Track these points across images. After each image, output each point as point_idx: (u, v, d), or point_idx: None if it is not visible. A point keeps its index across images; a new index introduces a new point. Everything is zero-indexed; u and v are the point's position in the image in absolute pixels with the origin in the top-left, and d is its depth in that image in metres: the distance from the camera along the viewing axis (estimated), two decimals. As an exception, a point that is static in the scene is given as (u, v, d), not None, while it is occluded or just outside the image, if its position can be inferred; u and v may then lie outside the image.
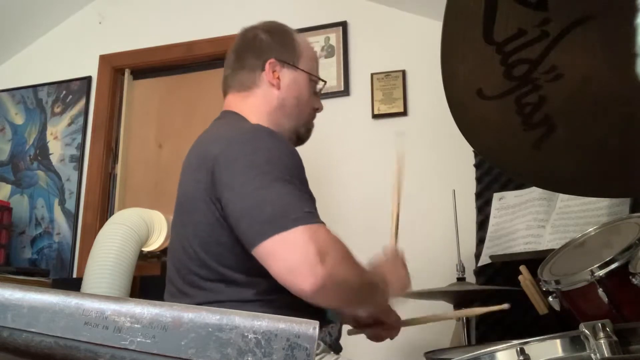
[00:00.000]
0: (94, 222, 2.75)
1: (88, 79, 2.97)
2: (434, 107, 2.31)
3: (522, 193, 1.89)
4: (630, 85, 1.23)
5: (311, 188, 1.12)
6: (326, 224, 1.02)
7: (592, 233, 1.32)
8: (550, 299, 1.24)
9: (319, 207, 1.08)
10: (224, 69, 1.32)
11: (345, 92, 2.54)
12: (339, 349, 1.22)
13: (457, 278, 1.76)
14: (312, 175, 1.20)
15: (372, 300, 1.16)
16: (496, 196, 1.96)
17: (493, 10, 1.14)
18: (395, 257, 1.24)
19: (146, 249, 2.45)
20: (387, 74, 2.49)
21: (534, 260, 1.39)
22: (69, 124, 2.95)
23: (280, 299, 1.03)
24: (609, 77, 1.24)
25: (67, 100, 2.99)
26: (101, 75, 2.96)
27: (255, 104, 1.25)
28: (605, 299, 1.09)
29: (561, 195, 1.76)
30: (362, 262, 1.08)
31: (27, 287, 0.45)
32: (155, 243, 2.44)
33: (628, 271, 1.05)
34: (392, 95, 2.47)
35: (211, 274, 1.08)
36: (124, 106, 2.94)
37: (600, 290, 1.09)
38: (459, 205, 1.85)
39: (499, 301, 1.85)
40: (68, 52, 3.05)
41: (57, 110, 3.00)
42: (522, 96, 1.27)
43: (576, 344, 0.81)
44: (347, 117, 2.50)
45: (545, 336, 0.84)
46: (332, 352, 1.17)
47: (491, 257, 1.79)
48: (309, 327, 0.43)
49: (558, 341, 0.83)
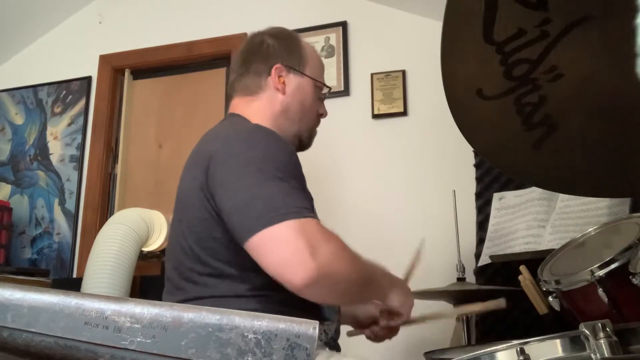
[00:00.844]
0: (94, 222, 2.75)
1: (88, 79, 2.97)
2: (434, 107, 2.31)
3: (522, 193, 1.89)
4: (630, 85, 1.23)
5: (311, 188, 1.12)
6: (326, 223, 1.02)
7: (592, 233, 1.32)
8: (550, 299, 1.24)
9: (319, 207, 1.08)
10: (230, 73, 1.32)
11: (345, 92, 2.53)
12: (337, 349, 1.22)
13: (457, 278, 1.76)
14: (312, 175, 1.20)
15: (369, 293, 1.15)
16: (496, 196, 1.96)
17: (493, 10, 1.14)
18: (403, 283, 1.26)
19: (146, 249, 2.45)
20: (387, 74, 2.49)
21: (534, 260, 1.39)
22: (69, 124, 2.95)
23: (275, 294, 1.03)
24: (609, 77, 1.24)
25: (67, 100, 2.99)
26: (101, 75, 2.96)
27: (260, 108, 1.25)
28: (605, 299, 1.08)
29: (561, 195, 1.76)
30: (360, 255, 1.06)
31: (27, 287, 0.45)
32: (155, 243, 2.44)
33: (628, 271, 1.05)
34: (392, 95, 2.46)
35: (206, 269, 1.09)
36: (124, 106, 2.93)
37: (600, 290, 1.09)
38: (459, 205, 1.84)
39: (498, 301, 1.87)
40: (68, 52, 3.05)
41: (57, 110, 3.00)
42: (522, 96, 1.27)
43: (576, 344, 0.81)
44: (347, 117, 2.49)
45: (545, 336, 0.84)
46: (327, 349, 1.17)
47: (491, 257, 1.79)
48: (309, 327, 0.43)
49: (558, 341, 0.83)
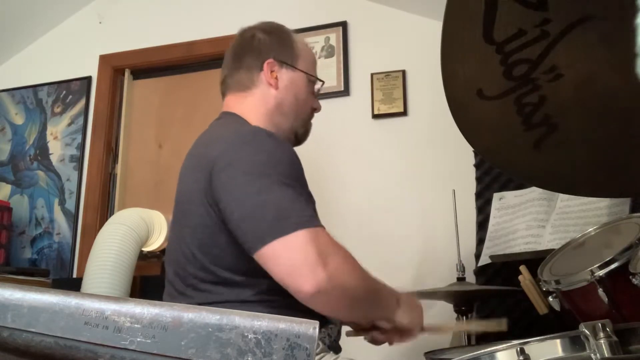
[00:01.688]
0: (94, 222, 2.75)
1: (88, 79, 2.97)
2: (434, 107, 2.31)
3: (522, 193, 1.89)
4: (630, 85, 1.23)
5: (311, 188, 1.11)
6: (326, 223, 1.02)
7: (592, 233, 1.32)
8: (550, 299, 1.24)
9: (318, 207, 1.08)
10: (222, 70, 1.31)
11: (345, 92, 2.53)
12: (338, 350, 1.22)
13: (457, 278, 1.76)
14: (312, 175, 1.19)
15: (376, 309, 1.12)
16: (496, 196, 1.96)
17: (493, 10, 1.13)
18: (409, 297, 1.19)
19: (146, 249, 2.45)
20: (387, 74, 2.49)
21: (534, 260, 1.39)
22: (69, 124, 2.95)
23: (280, 299, 1.02)
24: (609, 77, 1.24)
25: (67, 100, 2.98)
26: (101, 75, 2.96)
27: (254, 104, 1.24)
28: (605, 299, 1.08)
29: (561, 195, 1.76)
30: (368, 271, 1.04)
31: (27, 287, 0.45)
32: (155, 243, 2.44)
33: (628, 271, 1.05)
34: (392, 95, 2.46)
35: (210, 276, 1.07)
36: (124, 106, 2.93)
37: (600, 290, 1.09)
38: (459, 205, 1.84)
39: (498, 301, 1.88)
40: (68, 52, 3.05)
41: (57, 110, 3.00)
42: (522, 96, 1.27)
43: (576, 344, 0.81)
44: (347, 117, 2.50)
45: (545, 336, 0.83)
46: (331, 352, 1.17)
47: (491, 257, 1.79)
48: (309, 327, 0.43)
49: (558, 341, 0.83)
